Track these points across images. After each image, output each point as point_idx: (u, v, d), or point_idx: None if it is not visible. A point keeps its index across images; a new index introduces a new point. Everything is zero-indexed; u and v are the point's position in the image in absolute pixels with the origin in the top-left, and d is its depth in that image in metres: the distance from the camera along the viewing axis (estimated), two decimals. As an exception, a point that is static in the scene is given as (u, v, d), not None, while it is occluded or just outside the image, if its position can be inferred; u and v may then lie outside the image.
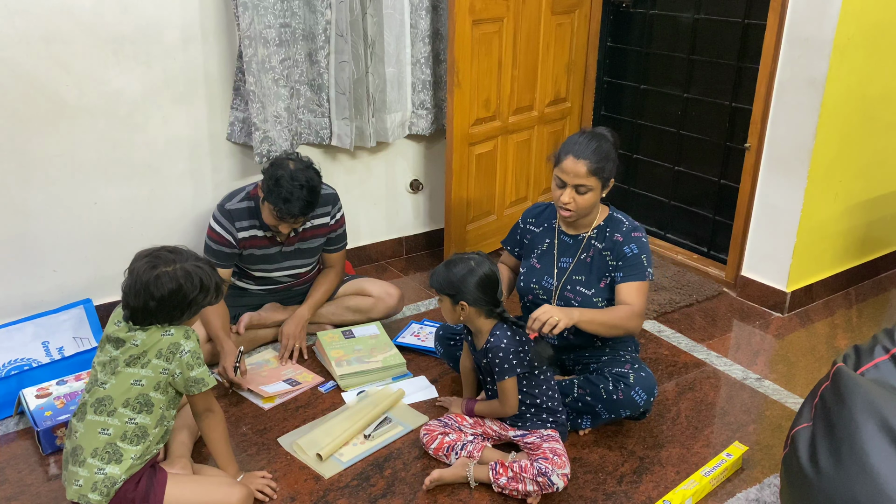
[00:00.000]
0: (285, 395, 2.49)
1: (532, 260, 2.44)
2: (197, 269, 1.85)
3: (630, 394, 2.23)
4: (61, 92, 2.60)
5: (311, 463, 2.18)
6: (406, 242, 3.67)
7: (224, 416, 2.01)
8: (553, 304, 2.35)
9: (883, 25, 2.90)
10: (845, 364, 1.76)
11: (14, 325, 2.64)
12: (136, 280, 1.80)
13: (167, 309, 1.82)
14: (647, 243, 2.31)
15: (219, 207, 2.61)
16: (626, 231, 2.31)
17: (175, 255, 1.85)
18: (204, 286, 1.85)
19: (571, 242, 2.38)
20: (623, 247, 2.28)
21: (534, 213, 2.49)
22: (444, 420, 2.24)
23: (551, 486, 1.99)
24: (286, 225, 2.51)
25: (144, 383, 1.81)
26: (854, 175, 3.13)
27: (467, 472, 2.07)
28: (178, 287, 1.81)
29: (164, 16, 2.71)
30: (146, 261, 1.82)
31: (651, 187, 3.88)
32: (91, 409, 1.81)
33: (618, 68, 3.91)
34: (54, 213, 2.71)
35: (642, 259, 2.27)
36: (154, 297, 1.79)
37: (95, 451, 1.79)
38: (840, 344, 2.95)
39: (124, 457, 1.79)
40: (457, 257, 2.12)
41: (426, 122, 3.41)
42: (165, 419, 1.88)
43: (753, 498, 2.10)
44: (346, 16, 2.98)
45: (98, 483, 1.77)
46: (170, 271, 1.81)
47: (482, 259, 2.11)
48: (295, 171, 2.43)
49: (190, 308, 1.85)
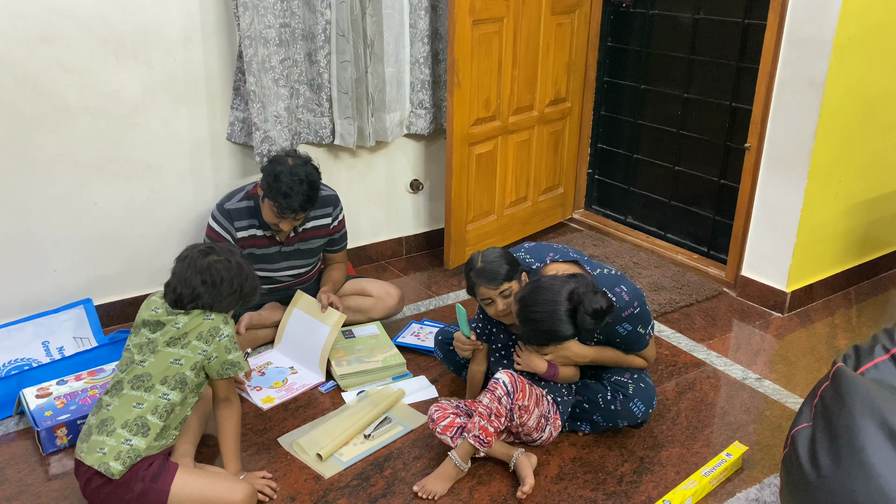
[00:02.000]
0: (283, 396, 2.49)
1: None
2: (246, 265, 2.01)
3: (628, 405, 2.22)
4: (61, 92, 2.60)
5: (311, 463, 2.18)
6: (406, 242, 3.67)
7: (241, 410, 2.05)
8: None
9: (883, 25, 2.90)
10: (845, 364, 1.76)
11: (14, 325, 2.64)
12: (189, 265, 1.93)
13: (214, 294, 1.94)
14: (640, 311, 2.13)
15: (217, 207, 2.61)
16: (616, 313, 2.09)
17: (229, 249, 2.02)
18: (249, 281, 2.01)
19: None
20: (616, 327, 2.15)
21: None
22: (455, 401, 2.26)
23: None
24: (287, 222, 2.51)
25: (183, 363, 1.90)
26: (854, 175, 3.13)
27: (455, 464, 2.07)
28: (229, 276, 1.95)
29: (164, 16, 2.71)
30: (200, 249, 1.97)
31: (651, 187, 3.88)
32: (128, 385, 1.89)
33: (618, 68, 3.91)
34: (54, 213, 2.71)
35: (638, 331, 2.16)
36: (206, 282, 1.92)
37: (126, 423, 1.85)
38: (840, 344, 2.95)
39: (150, 431, 1.86)
40: (480, 255, 2.18)
41: (425, 122, 3.41)
42: (187, 405, 1.95)
43: (753, 498, 2.10)
44: (346, 16, 2.98)
45: (122, 453, 1.82)
46: (223, 260, 1.96)
47: (491, 248, 2.21)
48: (294, 167, 2.44)
49: (233, 297, 1.98)
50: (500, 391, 2.03)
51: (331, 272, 2.85)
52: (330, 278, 2.81)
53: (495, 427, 2.03)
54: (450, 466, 2.07)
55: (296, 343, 2.67)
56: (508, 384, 2.04)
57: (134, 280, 2.93)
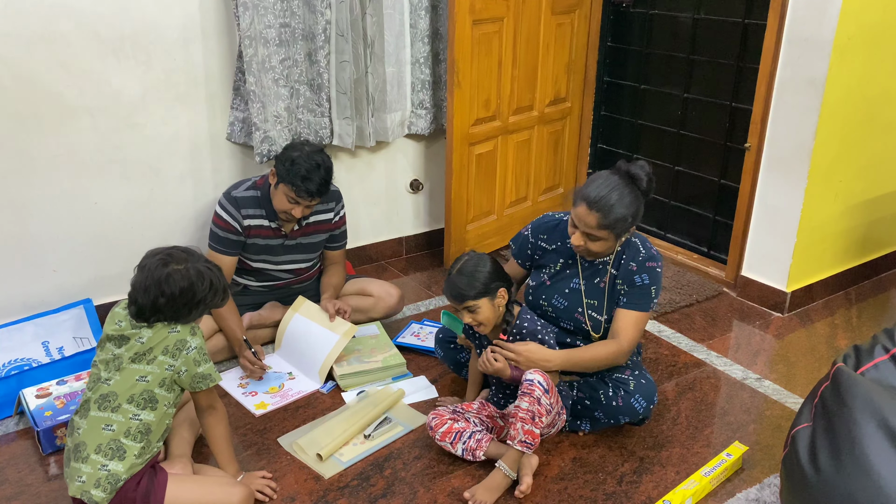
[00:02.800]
0: (278, 402, 2.48)
1: (543, 276, 2.35)
2: (207, 271, 1.87)
3: (630, 401, 2.22)
4: (61, 92, 2.60)
5: (311, 463, 2.18)
6: (406, 242, 3.67)
7: (227, 414, 2.01)
8: (569, 323, 2.31)
9: (883, 25, 2.90)
10: (845, 364, 1.76)
11: (14, 325, 2.64)
12: (148, 276, 1.81)
13: (176, 307, 1.83)
14: (660, 274, 2.21)
15: (225, 195, 2.62)
16: (642, 261, 2.19)
17: (187, 255, 1.87)
18: (213, 287, 1.87)
19: (588, 266, 2.27)
20: (635, 276, 2.19)
21: (545, 229, 2.35)
22: (452, 406, 2.26)
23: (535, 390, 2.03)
24: (299, 208, 2.52)
25: (150, 379, 1.82)
26: (854, 175, 3.13)
27: (504, 472, 2.04)
28: (189, 286, 1.82)
29: (164, 16, 2.71)
30: (158, 258, 1.84)
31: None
32: (95, 406, 1.81)
33: (618, 68, 3.91)
34: (54, 213, 2.71)
35: (651, 290, 2.19)
36: (164, 293, 1.80)
37: (99, 448, 1.79)
38: (840, 344, 2.95)
39: (127, 454, 1.79)
40: (460, 262, 2.14)
41: (425, 122, 3.41)
42: (167, 417, 1.89)
43: (753, 498, 2.10)
44: (346, 16, 2.99)
45: (101, 479, 1.77)
46: (181, 269, 1.83)
47: (478, 253, 2.18)
48: (311, 153, 2.49)
49: (198, 307, 1.86)
50: (537, 392, 2.01)
51: (330, 277, 2.84)
52: (330, 284, 2.81)
53: (540, 428, 2.02)
54: (499, 477, 2.05)
55: (296, 348, 2.66)
56: (544, 383, 2.03)
57: (134, 280, 2.93)
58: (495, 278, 2.12)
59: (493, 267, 2.14)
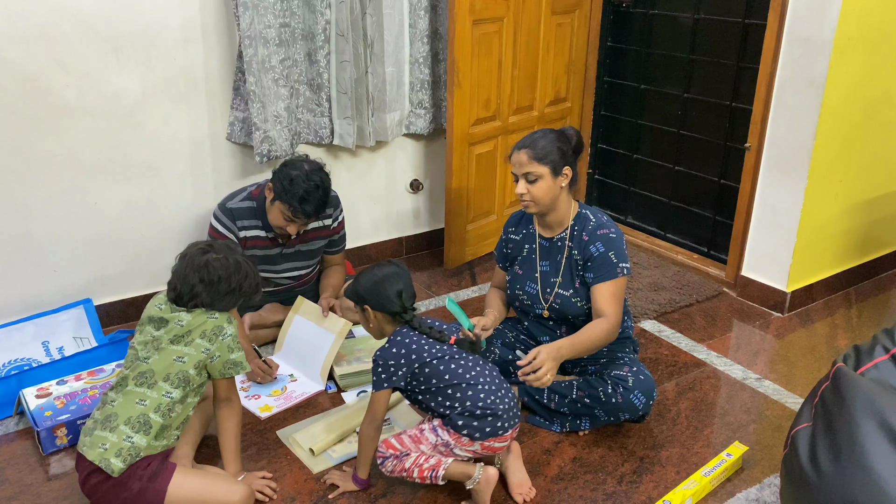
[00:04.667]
0: (282, 404, 2.48)
1: (515, 267, 2.44)
2: (245, 263, 1.99)
3: (629, 397, 2.22)
4: (61, 92, 2.60)
5: (303, 456, 2.20)
6: (406, 242, 3.67)
7: (241, 410, 2.05)
8: (543, 306, 2.35)
9: (883, 25, 2.90)
10: (845, 364, 1.76)
11: (14, 325, 2.64)
12: (189, 263, 1.92)
13: (213, 293, 1.92)
14: (615, 238, 2.26)
15: (220, 206, 2.61)
16: (592, 229, 2.28)
17: (227, 247, 1.99)
18: (249, 279, 1.98)
19: (548, 245, 2.37)
20: (589, 246, 2.27)
21: (513, 222, 2.48)
22: (395, 441, 2.02)
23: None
24: (295, 226, 2.50)
25: (186, 360, 1.90)
26: (854, 175, 3.13)
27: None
28: (226, 275, 1.93)
29: (164, 16, 2.71)
30: (199, 248, 1.96)
31: (651, 187, 3.88)
32: (133, 382, 1.89)
33: (618, 68, 3.91)
34: (54, 213, 2.71)
35: (610, 256, 2.23)
36: (203, 280, 1.91)
37: (129, 419, 1.86)
38: (840, 344, 2.95)
39: (152, 430, 1.86)
40: (373, 265, 2.09)
41: (424, 122, 3.41)
42: (189, 407, 1.94)
43: (753, 498, 2.10)
44: (346, 16, 2.98)
45: (123, 450, 1.83)
46: (221, 258, 1.94)
47: (392, 264, 2.07)
48: (310, 172, 2.45)
49: (233, 295, 1.96)
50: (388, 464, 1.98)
51: (329, 278, 2.84)
52: (329, 284, 2.81)
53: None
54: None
55: (297, 350, 2.66)
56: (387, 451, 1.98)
57: (134, 280, 2.93)
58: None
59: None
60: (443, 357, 1.97)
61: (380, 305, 2.02)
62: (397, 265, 2.07)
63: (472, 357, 2.02)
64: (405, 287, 2.02)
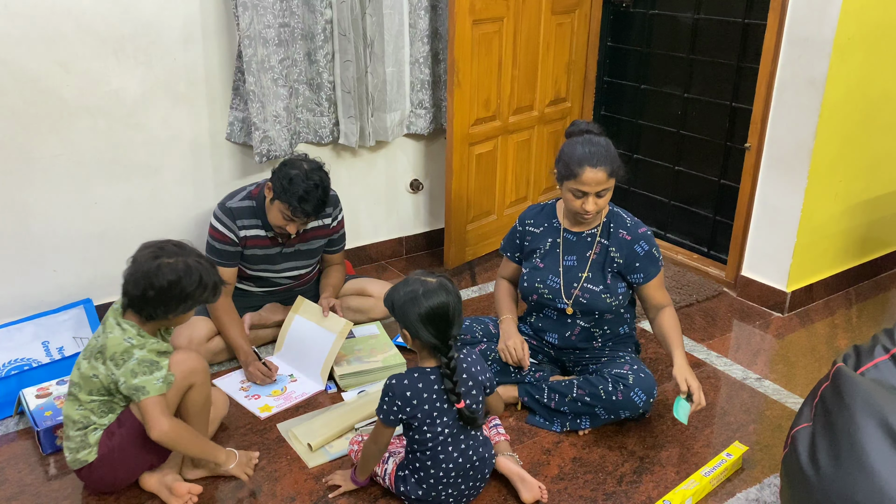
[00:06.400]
0: (282, 405, 2.48)
1: (535, 260, 2.42)
2: (198, 265, 1.89)
3: (629, 395, 2.23)
4: (61, 92, 2.60)
5: (301, 451, 2.20)
6: (406, 242, 3.67)
7: (178, 427, 1.90)
8: (566, 301, 2.35)
9: (883, 25, 2.90)
10: (845, 364, 1.76)
11: (14, 325, 2.64)
12: (138, 269, 1.85)
13: (164, 300, 1.85)
14: (651, 235, 2.36)
15: (220, 206, 2.61)
16: (632, 228, 2.34)
17: (179, 249, 1.90)
18: (203, 282, 1.89)
19: (575, 240, 2.37)
20: (633, 245, 2.32)
21: (531, 215, 2.47)
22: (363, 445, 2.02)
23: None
24: (294, 225, 2.50)
25: (100, 377, 1.90)
26: (854, 175, 3.13)
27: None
28: (177, 279, 1.84)
29: (164, 16, 2.71)
30: (150, 251, 1.87)
31: (651, 187, 3.88)
32: (72, 387, 1.95)
33: (618, 68, 3.91)
34: (54, 213, 2.71)
35: (654, 252, 2.33)
36: (153, 286, 1.83)
37: (75, 422, 1.93)
38: (840, 344, 2.95)
39: (95, 415, 1.93)
40: (412, 276, 1.87)
41: (425, 122, 3.41)
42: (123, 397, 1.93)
43: (753, 498, 2.10)
44: (347, 15, 2.99)
45: (86, 442, 1.92)
46: (172, 263, 1.85)
47: (438, 286, 1.81)
48: (309, 171, 2.44)
49: (186, 302, 1.88)
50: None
51: (329, 278, 2.84)
52: (329, 283, 2.81)
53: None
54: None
55: (297, 350, 2.66)
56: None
57: (134, 280, 2.93)
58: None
59: None
60: (437, 419, 1.85)
61: (414, 332, 1.80)
62: (444, 288, 1.79)
63: (465, 435, 1.91)
64: (453, 313, 1.75)
